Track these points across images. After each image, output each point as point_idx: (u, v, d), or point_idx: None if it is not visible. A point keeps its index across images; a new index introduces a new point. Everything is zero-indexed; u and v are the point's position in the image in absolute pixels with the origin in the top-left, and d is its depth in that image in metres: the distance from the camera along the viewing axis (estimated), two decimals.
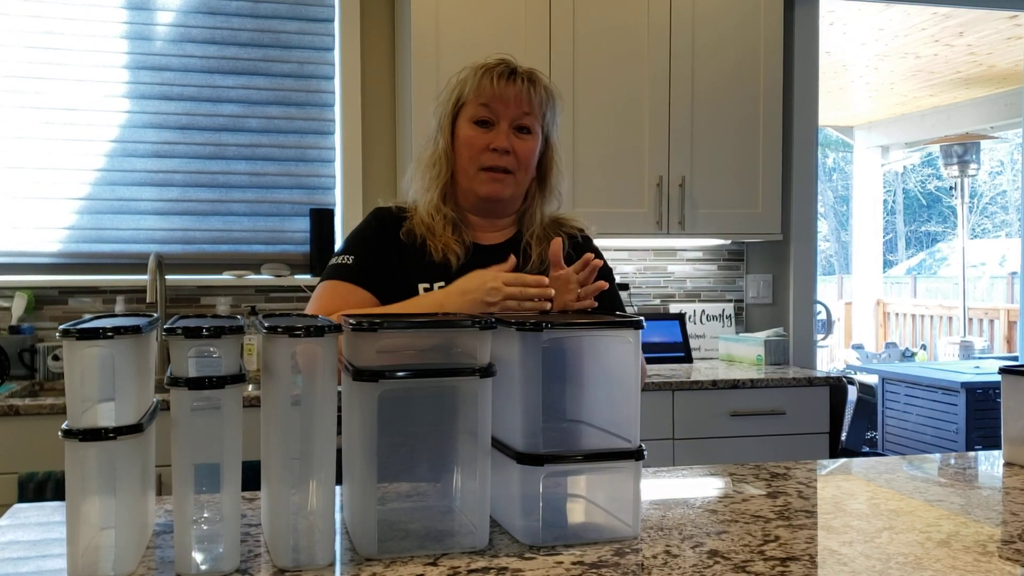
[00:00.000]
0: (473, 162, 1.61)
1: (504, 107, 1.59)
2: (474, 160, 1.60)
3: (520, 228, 1.71)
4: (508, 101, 1.59)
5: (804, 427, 3.13)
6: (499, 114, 1.59)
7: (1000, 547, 1.12)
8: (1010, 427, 1.61)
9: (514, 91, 1.59)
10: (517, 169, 1.61)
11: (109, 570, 1.00)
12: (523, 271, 1.60)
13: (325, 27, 3.40)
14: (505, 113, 1.59)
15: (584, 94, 3.23)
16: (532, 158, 1.63)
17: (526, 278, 1.42)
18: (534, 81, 1.62)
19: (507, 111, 1.59)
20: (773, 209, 3.44)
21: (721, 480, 1.49)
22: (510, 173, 1.61)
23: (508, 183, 1.61)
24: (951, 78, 6.65)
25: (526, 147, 1.61)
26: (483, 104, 1.60)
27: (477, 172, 1.61)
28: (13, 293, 3.09)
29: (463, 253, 1.61)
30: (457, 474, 1.15)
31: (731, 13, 3.37)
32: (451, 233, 1.62)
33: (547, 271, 1.59)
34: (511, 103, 1.59)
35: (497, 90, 1.59)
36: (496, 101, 1.59)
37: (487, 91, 1.59)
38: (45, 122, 3.17)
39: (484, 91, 1.60)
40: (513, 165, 1.60)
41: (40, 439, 2.49)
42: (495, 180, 1.60)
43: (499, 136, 1.59)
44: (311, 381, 1.04)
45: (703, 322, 3.71)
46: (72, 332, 0.96)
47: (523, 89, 1.60)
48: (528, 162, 1.63)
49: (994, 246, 15.89)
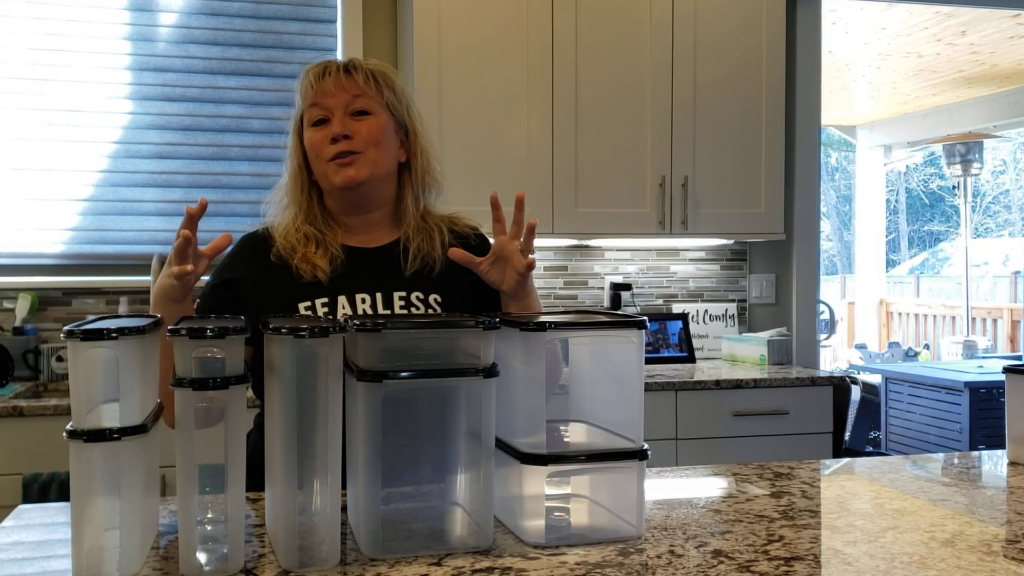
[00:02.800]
0: (321, 160, 1.58)
1: (331, 99, 1.57)
2: (321, 157, 1.58)
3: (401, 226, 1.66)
4: (330, 93, 1.58)
5: (807, 427, 3.13)
6: (330, 107, 1.57)
7: (1005, 547, 1.12)
8: (1014, 426, 1.61)
9: (332, 82, 1.58)
10: (364, 148, 1.57)
11: (114, 571, 1.00)
12: (405, 269, 1.59)
13: (327, 28, 3.40)
14: (335, 104, 1.57)
15: (587, 94, 3.22)
16: (380, 135, 1.59)
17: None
18: (355, 66, 1.60)
19: (335, 102, 1.57)
20: (776, 209, 3.44)
21: (725, 480, 1.49)
22: (357, 154, 1.57)
23: (359, 163, 1.57)
24: (953, 77, 6.64)
25: (366, 125, 1.58)
26: (313, 105, 1.59)
27: (327, 166, 1.58)
28: (17, 294, 3.09)
29: (330, 264, 1.57)
30: (461, 474, 1.15)
31: (733, 12, 3.37)
32: (314, 249, 1.58)
33: (429, 269, 1.59)
34: (333, 94, 1.57)
35: (318, 87, 1.58)
36: (321, 97, 1.58)
37: (311, 92, 1.59)
38: (48, 123, 3.17)
39: (309, 93, 1.59)
40: (358, 146, 1.56)
41: (44, 440, 2.49)
42: (343, 165, 1.56)
43: (334, 125, 1.57)
44: (316, 381, 1.04)
45: (706, 322, 3.71)
46: (76, 333, 0.96)
47: (341, 77, 1.58)
48: (375, 139, 1.58)
49: (997, 245, 15.87)
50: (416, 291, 1.58)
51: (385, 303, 1.56)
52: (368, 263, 1.61)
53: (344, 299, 1.55)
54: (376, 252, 1.63)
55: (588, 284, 3.63)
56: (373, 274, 1.60)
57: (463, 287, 1.59)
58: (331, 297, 1.55)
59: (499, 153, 3.16)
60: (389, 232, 1.66)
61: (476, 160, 3.12)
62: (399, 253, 1.61)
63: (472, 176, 3.09)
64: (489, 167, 3.14)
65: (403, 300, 1.57)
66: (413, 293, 1.58)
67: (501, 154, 3.16)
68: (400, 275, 1.59)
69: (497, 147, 3.15)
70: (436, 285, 1.60)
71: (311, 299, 1.54)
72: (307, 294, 1.55)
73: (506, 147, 3.16)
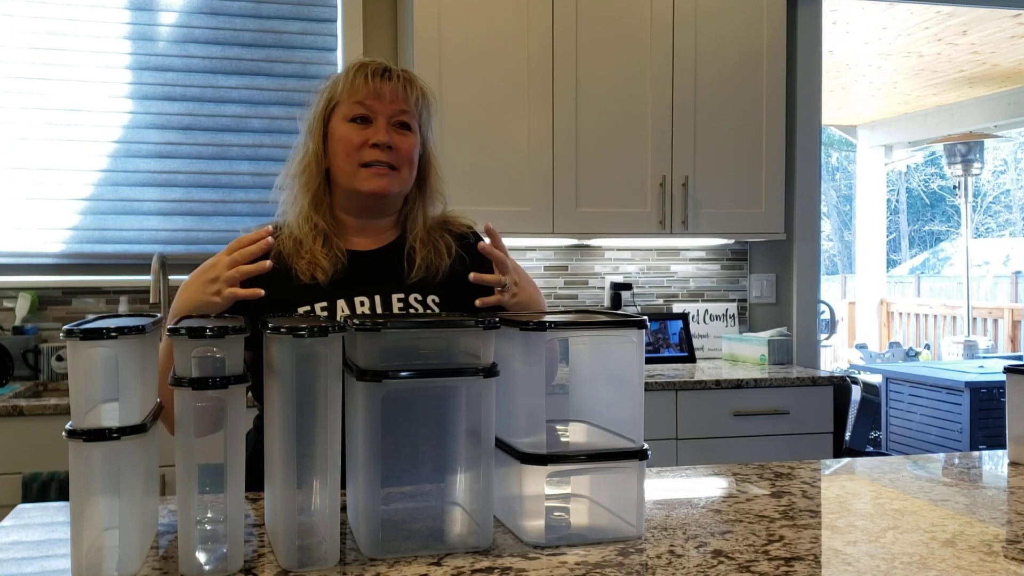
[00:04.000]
0: (351, 159, 1.54)
1: (381, 104, 1.53)
2: (352, 157, 1.54)
3: (403, 231, 1.63)
4: (385, 98, 1.53)
5: (808, 427, 3.13)
6: (376, 111, 1.54)
7: (1005, 547, 1.12)
8: (1015, 426, 1.60)
9: (391, 88, 1.54)
10: (401, 165, 1.55)
11: (113, 570, 1.00)
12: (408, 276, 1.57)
13: (328, 27, 3.40)
14: (383, 110, 1.54)
15: (587, 93, 3.22)
16: (414, 154, 1.58)
17: (244, 239, 1.36)
18: (411, 79, 1.57)
19: (384, 108, 1.54)
20: (776, 209, 3.44)
21: (725, 480, 1.49)
22: (395, 169, 1.54)
23: (394, 178, 1.55)
24: (954, 77, 6.64)
25: (407, 142, 1.56)
26: (358, 102, 1.54)
27: (358, 169, 1.54)
28: (17, 293, 3.09)
29: (332, 266, 1.54)
30: (461, 474, 1.15)
31: (734, 12, 3.37)
32: (320, 246, 1.55)
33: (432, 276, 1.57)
34: (388, 100, 1.54)
35: (373, 87, 1.53)
36: (372, 98, 1.53)
37: (362, 89, 1.53)
38: (48, 123, 3.17)
39: (359, 89, 1.54)
40: (396, 161, 1.54)
41: (44, 439, 2.49)
42: (379, 175, 1.53)
43: (378, 131, 1.53)
44: (315, 381, 1.04)
45: (706, 322, 3.70)
46: (76, 332, 0.95)
47: (399, 86, 1.54)
48: (411, 158, 1.57)
49: (998, 245, 15.87)
50: (415, 292, 1.58)
51: (384, 306, 1.55)
52: (368, 265, 1.60)
53: (343, 302, 1.54)
54: (376, 254, 1.62)
55: (588, 284, 3.63)
56: (373, 277, 1.59)
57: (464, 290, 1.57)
58: (330, 301, 1.53)
59: (499, 153, 3.15)
60: (389, 233, 1.65)
61: (477, 160, 3.12)
62: (401, 256, 1.60)
63: (473, 176, 3.09)
64: (489, 167, 3.14)
65: (401, 302, 1.56)
66: (412, 295, 1.57)
67: (501, 154, 3.15)
68: (400, 277, 1.58)
69: (497, 147, 3.15)
70: (435, 287, 1.59)
71: (310, 303, 1.53)
72: (306, 298, 1.53)
73: (506, 147, 3.16)
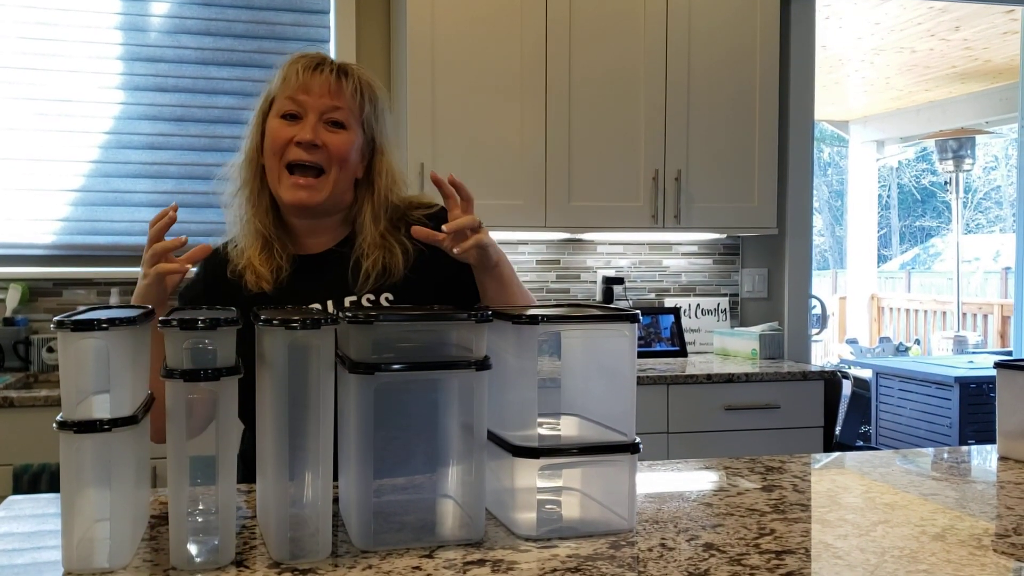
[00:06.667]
0: (277, 158, 1.47)
1: (311, 99, 1.46)
2: (277, 155, 1.47)
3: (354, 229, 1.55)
4: (313, 92, 1.46)
5: (798, 421, 3.14)
6: (306, 107, 1.46)
7: (995, 541, 1.13)
8: (1005, 421, 1.61)
9: (320, 81, 1.47)
10: (329, 166, 1.46)
11: (104, 562, 0.99)
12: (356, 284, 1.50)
13: (320, 19, 3.39)
14: (312, 105, 1.46)
15: (580, 87, 3.22)
16: (348, 153, 1.48)
17: (153, 219, 1.34)
18: (346, 72, 1.49)
19: (314, 103, 1.46)
20: (768, 203, 3.45)
21: (716, 474, 1.49)
22: (322, 174, 1.46)
23: (318, 188, 1.46)
24: (947, 73, 6.65)
25: (338, 140, 1.47)
26: (288, 97, 1.47)
27: (282, 172, 1.46)
28: (7, 285, 3.08)
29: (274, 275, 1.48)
30: (453, 467, 1.15)
31: (727, 7, 3.37)
32: (259, 252, 1.49)
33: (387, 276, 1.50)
34: (316, 94, 1.46)
35: (302, 80, 1.47)
36: (302, 92, 1.46)
37: (292, 83, 1.47)
38: (39, 113, 3.16)
39: (290, 83, 1.48)
40: (324, 161, 1.46)
41: (35, 431, 2.49)
42: (299, 187, 1.45)
43: (304, 128, 1.45)
44: (307, 373, 1.04)
45: (698, 316, 3.71)
46: (67, 324, 0.95)
47: (331, 79, 1.47)
48: (343, 157, 1.47)
49: (988, 241, 15.93)
50: (367, 293, 1.52)
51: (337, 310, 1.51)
52: (317, 269, 1.54)
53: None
54: (323, 257, 1.55)
55: (580, 278, 3.63)
56: (323, 281, 1.53)
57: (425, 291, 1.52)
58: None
59: (492, 146, 3.15)
60: (341, 230, 1.58)
61: (469, 153, 3.12)
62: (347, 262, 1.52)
63: (465, 169, 3.09)
64: (482, 160, 3.13)
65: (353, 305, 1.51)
66: (364, 295, 1.52)
67: (494, 147, 3.15)
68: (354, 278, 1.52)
69: (490, 140, 3.15)
70: (390, 286, 1.52)
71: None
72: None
73: (499, 140, 3.16)
